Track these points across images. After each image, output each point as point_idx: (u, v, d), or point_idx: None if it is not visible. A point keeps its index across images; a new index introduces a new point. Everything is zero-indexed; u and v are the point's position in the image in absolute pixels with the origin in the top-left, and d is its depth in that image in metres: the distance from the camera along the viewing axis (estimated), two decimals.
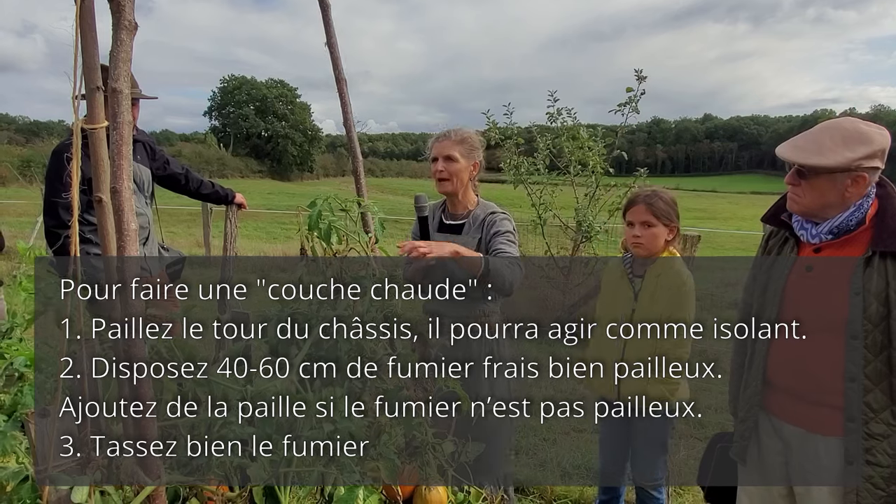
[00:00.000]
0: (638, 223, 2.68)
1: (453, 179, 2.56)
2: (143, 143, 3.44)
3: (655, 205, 2.65)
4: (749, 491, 2.12)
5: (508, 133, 7.48)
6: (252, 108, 72.96)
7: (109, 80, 0.93)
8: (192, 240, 13.57)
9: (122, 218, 0.92)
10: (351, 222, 1.60)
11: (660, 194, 2.69)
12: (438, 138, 2.59)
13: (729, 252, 16.27)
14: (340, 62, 2.32)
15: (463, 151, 2.55)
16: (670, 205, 2.69)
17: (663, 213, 2.66)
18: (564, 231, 7.46)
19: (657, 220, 2.66)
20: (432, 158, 2.59)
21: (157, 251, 3.45)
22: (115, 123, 0.91)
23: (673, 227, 2.71)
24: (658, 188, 2.77)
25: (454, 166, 2.54)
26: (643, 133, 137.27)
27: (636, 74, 6.66)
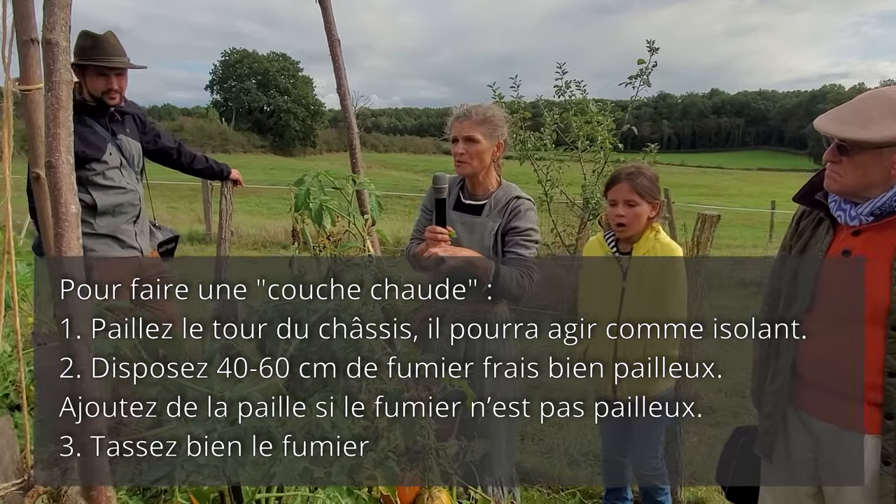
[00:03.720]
0: (621, 202, 2.60)
1: (473, 162, 2.41)
2: (133, 116, 3.27)
3: (639, 182, 2.57)
4: (774, 490, 1.99)
5: (515, 107, 7.27)
6: (254, 82, 72.22)
7: (43, 31, 0.77)
8: (193, 215, 13.44)
9: (60, 198, 0.76)
10: (346, 202, 1.44)
11: (643, 171, 2.61)
12: (458, 117, 2.42)
13: (735, 229, 16.07)
14: (333, 21, 2.13)
15: (485, 132, 2.39)
16: (653, 181, 2.61)
17: (647, 190, 2.58)
18: (571, 208, 7.31)
19: (641, 199, 2.58)
20: (453, 138, 2.42)
21: (149, 229, 3.31)
22: (49, 83, 0.75)
23: (656, 204, 2.63)
24: (640, 164, 2.72)
25: (475, 148, 2.38)
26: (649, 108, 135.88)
27: (648, 46, 6.44)
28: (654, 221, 2.66)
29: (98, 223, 3.00)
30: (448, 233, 2.24)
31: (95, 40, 2.93)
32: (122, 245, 3.08)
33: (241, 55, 74.32)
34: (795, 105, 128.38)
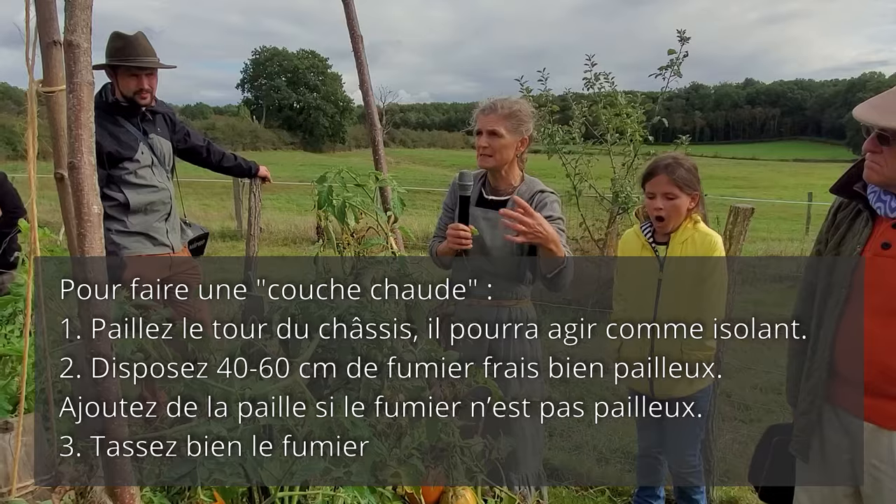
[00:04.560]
0: (660, 194, 2.51)
1: (496, 156, 2.39)
2: (164, 115, 3.33)
3: (677, 174, 2.48)
4: (810, 490, 1.93)
5: (542, 101, 7.20)
6: (284, 80, 73.07)
7: (65, 32, 0.77)
8: (224, 212, 13.64)
9: (83, 199, 0.77)
10: (369, 199, 1.44)
11: (681, 161, 2.51)
12: (484, 110, 2.40)
13: (770, 222, 15.69)
14: (356, 17, 2.12)
15: (510, 126, 2.36)
16: (692, 172, 2.52)
17: (686, 181, 2.49)
18: (600, 202, 7.21)
19: (680, 191, 2.49)
20: (477, 131, 2.41)
21: (179, 227, 3.36)
22: (71, 84, 0.76)
23: (696, 195, 2.54)
24: (678, 154, 2.60)
25: (498, 142, 2.35)
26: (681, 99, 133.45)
27: (678, 35, 6.30)
28: (694, 212, 2.57)
29: (130, 221, 3.06)
30: (470, 231, 2.23)
31: (126, 41, 2.98)
32: (153, 242, 3.14)
33: (271, 53, 75.23)
34: (833, 94, 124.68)
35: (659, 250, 2.59)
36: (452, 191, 2.52)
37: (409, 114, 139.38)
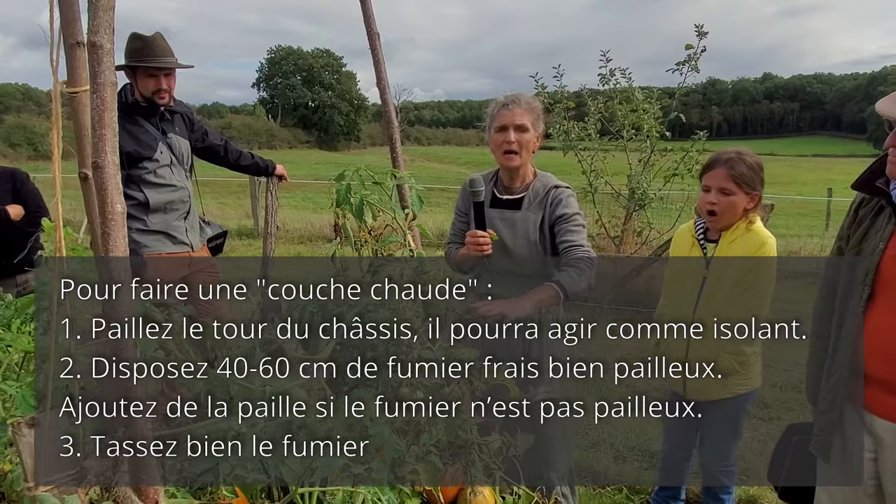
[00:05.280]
0: (715, 189, 2.39)
1: (522, 153, 2.27)
2: (182, 114, 3.36)
3: (737, 169, 2.35)
4: (831, 490, 1.91)
5: (558, 97, 7.17)
6: (299, 79, 73.47)
7: (88, 33, 0.78)
8: (241, 211, 13.75)
9: (107, 197, 0.78)
10: (386, 196, 1.44)
11: (743, 157, 2.38)
12: (507, 104, 2.27)
13: (789, 218, 15.49)
14: (373, 15, 2.12)
15: (533, 121, 2.28)
16: (755, 169, 2.38)
17: (745, 178, 2.36)
18: (616, 199, 7.17)
19: (737, 188, 2.36)
20: (499, 127, 2.28)
21: (198, 225, 3.39)
22: (94, 85, 0.77)
23: (755, 196, 2.40)
24: (743, 149, 2.44)
25: (525, 137, 2.25)
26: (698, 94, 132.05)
27: (696, 30, 6.25)
28: (752, 213, 2.43)
29: (150, 220, 3.09)
30: (489, 235, 2.15)
31: (145, 42, 3.01)
32: (173, 241, 3.17)
33: (287, 52, 75.66)
34: (853, 88, 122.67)
35: (708, 248, 2.49)
36: (463, 194, 2.43)
37: (423, 111, 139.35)
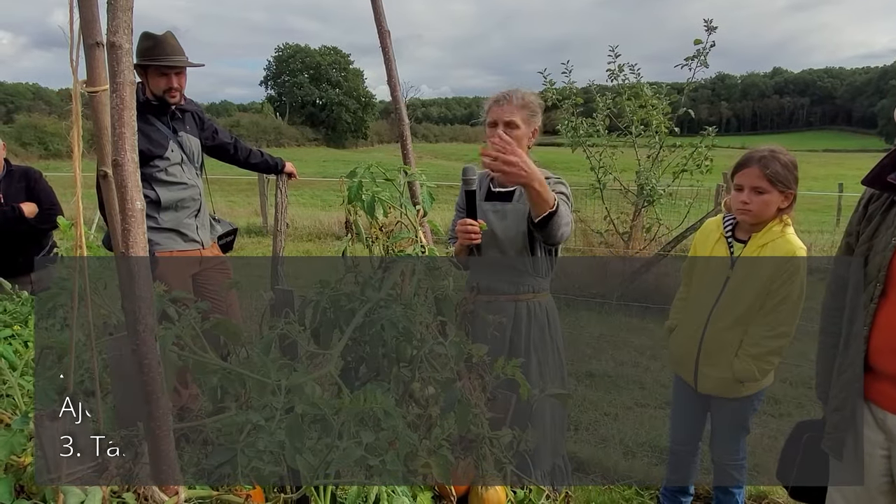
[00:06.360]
0: (748, 188, 2.33)
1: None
2: (192, 113, 3.38)
3: (771, 168, 2.28)
4: (844, 489, 1.90)
5: (566, 93, 7.15)
6: (306, 77, 73.62)
7: (107, 34, 0.80)
8: (250, 209, 13.80)
9: (126, 195, 0.80)
10: (397, 193, 1.45)
11: (777, 155, 2.32)
12: (498, 101, 2.34)
13: (800, 214, 15.38)
14: (383, 12, 2.12)
15: (524, 117, 2.32)
16: (789, 168, 2.31)
17: (780, 177, 2.29)
18: (625, 195, 7.15)
19: (771, 187, 2.30)
20: (490, 123, 2.34)
21: (209, 223, 3.42)
22: (114, 84, 0.78)
23: (789, 195, 2.34)
24: (777, 147, 2.37)
25: (515, 133, 2.28)
26: (707, 90, 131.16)
27: (705, 25, 6.22)
28: (786, 213, 2.37)
29: (162, 218, 3.12)
30: (479, 225, 2.18)
31: (156, 41, 3.03)
32: (184, 239, 3.20)
33: (294, 50, 75.80)
34: (865, 82, 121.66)
35: (735, 247, 2.44)
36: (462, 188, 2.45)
37: (430, 108, 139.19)
